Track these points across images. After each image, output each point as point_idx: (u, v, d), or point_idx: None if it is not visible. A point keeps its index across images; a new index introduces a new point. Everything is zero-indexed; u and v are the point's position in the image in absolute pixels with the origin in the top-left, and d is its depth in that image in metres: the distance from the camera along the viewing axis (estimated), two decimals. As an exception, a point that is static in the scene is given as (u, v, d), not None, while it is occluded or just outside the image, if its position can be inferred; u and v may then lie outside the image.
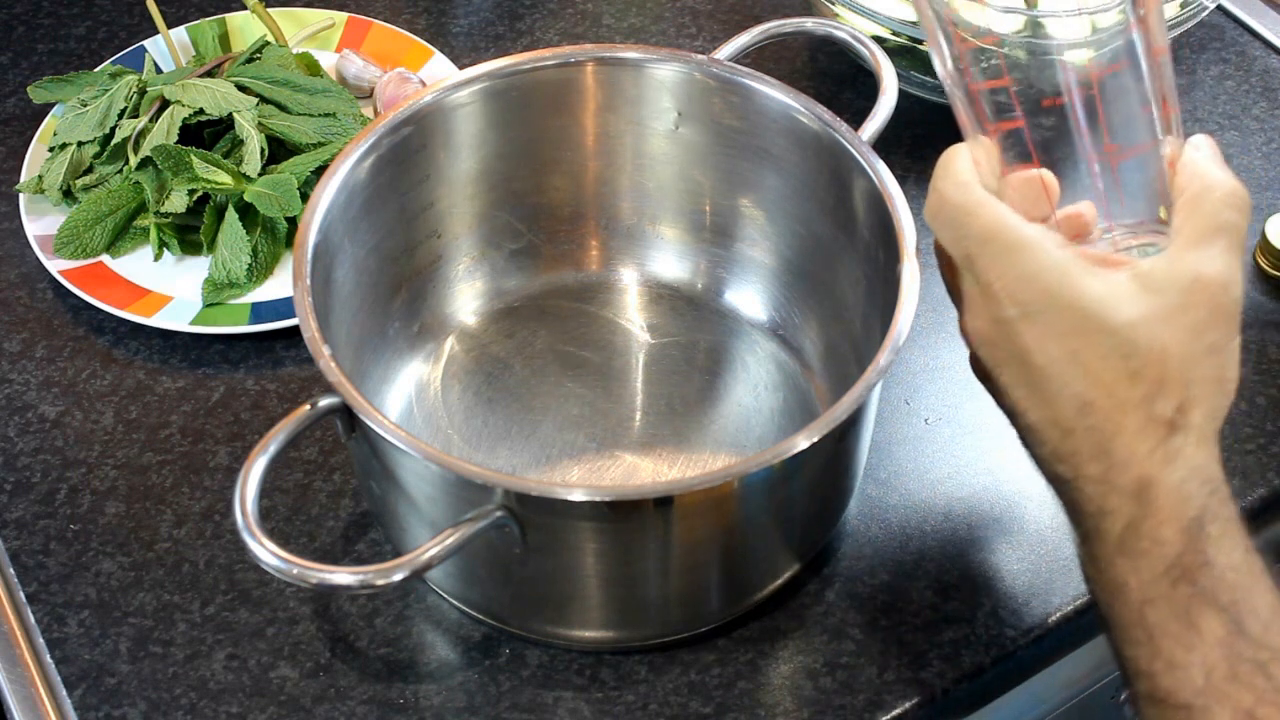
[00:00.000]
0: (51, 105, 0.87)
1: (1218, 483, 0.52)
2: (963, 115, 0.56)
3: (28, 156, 0.84)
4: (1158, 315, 0.51)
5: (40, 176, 0.81)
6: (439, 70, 0.89)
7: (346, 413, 0.58)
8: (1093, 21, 0.79)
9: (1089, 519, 0.53)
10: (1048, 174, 0.55)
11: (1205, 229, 0.52)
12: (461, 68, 0.88)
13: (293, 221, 0.79)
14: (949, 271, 0.58)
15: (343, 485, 0.71)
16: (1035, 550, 0.69)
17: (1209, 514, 0.51)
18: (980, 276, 0.54)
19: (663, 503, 0.57)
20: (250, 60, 0.86)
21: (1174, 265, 0.52)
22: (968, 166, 0.55)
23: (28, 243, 0.80)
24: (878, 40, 0.81)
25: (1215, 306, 0.52)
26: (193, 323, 0.76)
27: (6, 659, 0.65)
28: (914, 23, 0.83)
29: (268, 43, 0.88)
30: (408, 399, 0.72)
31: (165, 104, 0.81)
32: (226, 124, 0.82)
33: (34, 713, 0.63)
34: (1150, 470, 0.51)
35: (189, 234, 0.80)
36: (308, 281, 0.61)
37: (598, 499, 0.56)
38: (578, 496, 0.56)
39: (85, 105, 0.83)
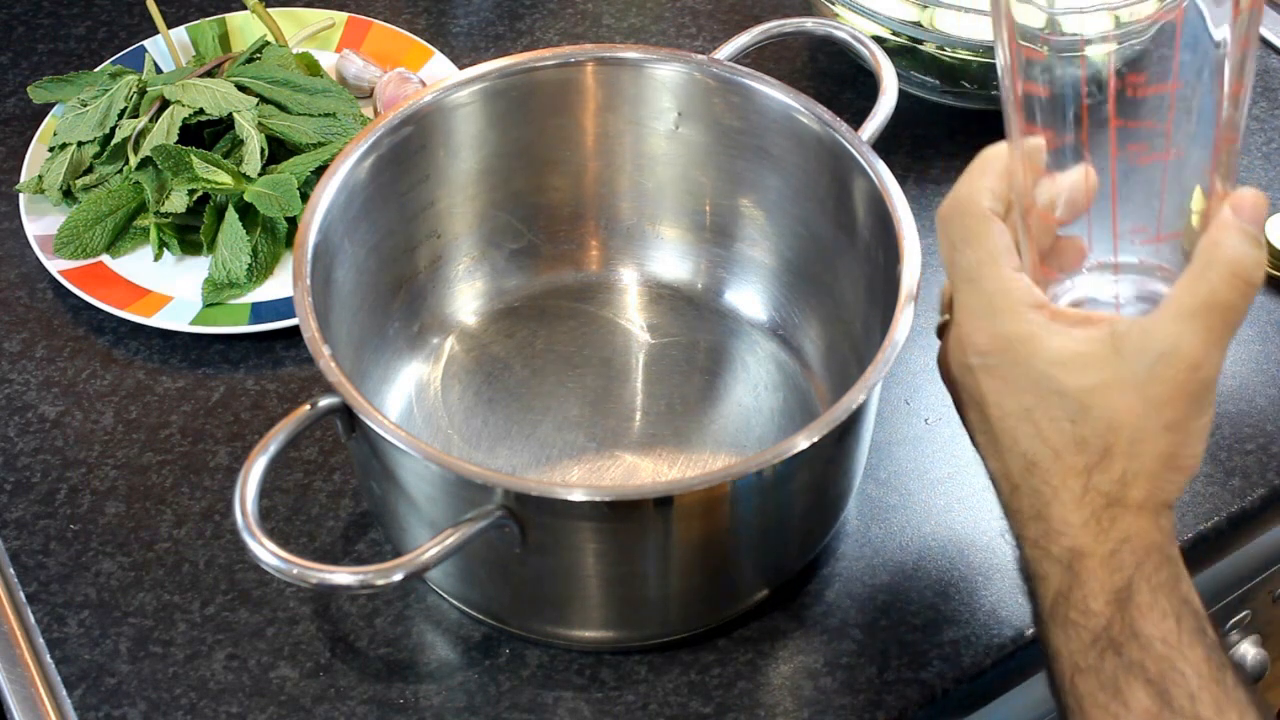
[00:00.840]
0: (51, 105, 0.87)
1: (1153, 549, 0.50)
2: (1009, 116, 0.54)
3: (28, 156, 0.84)
4: (1117, 384, 0.50)
5: (40, 176, 0.81)
6: (439, 70, 0.89)
7: (346, 413, 0.58)
8: (1115, 16, 0.79)
9: (1029, 581, 0.53)
10: (1092, 174, 0.53)
11: (1197, 303, 0.50)
12: (461, 68, 0.88)
13: (293, 221, 0.79)
14: (944, 295, 0.58)
15: (343, 485, 0.71)
16: (1035, 550, 0.69)
17: (1137, 583, 0.50)
18: (956, 313, 0.54)
19: (662, 503, 0.57)
20: (250, 60, 0.86)
21: (1150, 334, 0.50)
22: (994, 184, 0.53)
23: (28, 243, 0.80)
24: (878, 40, 0.81)
25: (1179, 384, 0.50)
26: (193, 323, 0.76)
27: (6, 659, 0.65)
28: (914, 23, 0.83)
29: (268, 43, 0.88)
30: (408, 399, 0.72)
31: (165, 104, 0.81)
32: (226, 124, 0.82)
33: (34, 713, 0.63)
34: (1082, 541, 0.51)
35: (189, 234, 0.80)
36: (308, 281, 0.61)
37: (598, 499, 0.56)
38: (578, 496, 0.56)
39: (85, 105, 0.83)
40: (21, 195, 0.82)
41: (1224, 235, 0.50)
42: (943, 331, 0.57)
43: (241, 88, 0.82)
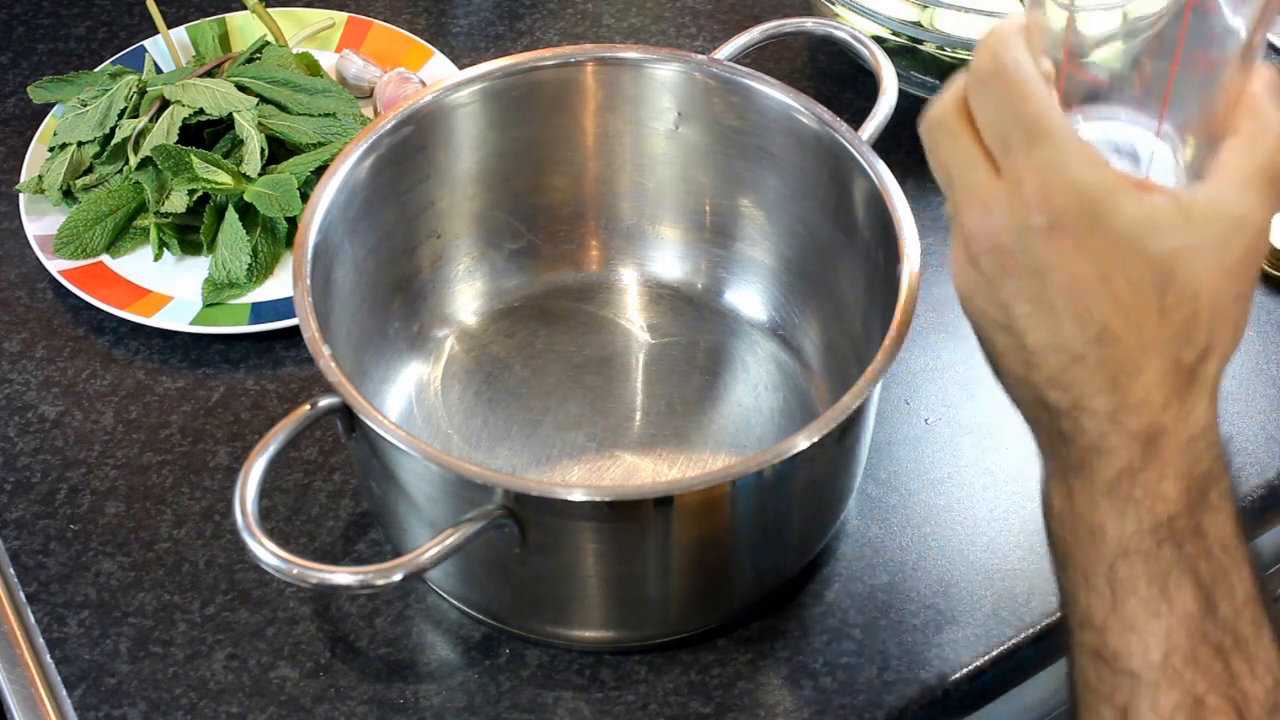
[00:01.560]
0: (51, 105, 0.87)
1: (1222, 447, 0.48)
2: None
3: (28, 156, 0.84)
4: (1196, 251, 0.47)
5: (40, 176, 0.81)
6: (439, 70, 0.89)
7: (346, 413, 0.58)
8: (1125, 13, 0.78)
9: (1076, 452, 0.49)
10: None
11: (1257, 170, 0.48)
12: (461, 68, 0.88)
13: (293, 221, 0.79)
14: (949, 150, 0.51)
15: (343, 485, 0.71)
16: (1035, 550, 0.69)
17: (1212, 479, 0.47)
18: (1012, 170, 0.48)
19: (663, 503, 0.57)
20: (250, 60, 0.86)
21: (1218, 201, 0.47)
22: (1024, 41, 0.48)
23: (28, 243, 0.80)
24: (878, 40, 0.81)
25: (1250, 253, 0.48)
26: (193, 323, 0.76)
27: (6, 659, 0.65)
28: (914, 23, 0.83)
29: (268, 43, 0.88)
30: (408, 399, 0.72)
31: (165, 104, 0.81)
32: (226, 124, 0.82)
33: (34, 713, 0.63)
34: (1164, 420, 0.47)
35: (189, 234, 0.80)
36: (308, 281, 0.61)
37: (598, 499, 0.56)
38: (578, 496, 0.56)
39: (85, 105, 0.83)
40: (21, 195, 0.82)
41: (1263, 105, 0.49)
42: (951, 217, 0.52)
43: (241, 88, 0.82)
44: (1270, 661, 0.47)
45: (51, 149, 0.83)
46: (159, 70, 0.88)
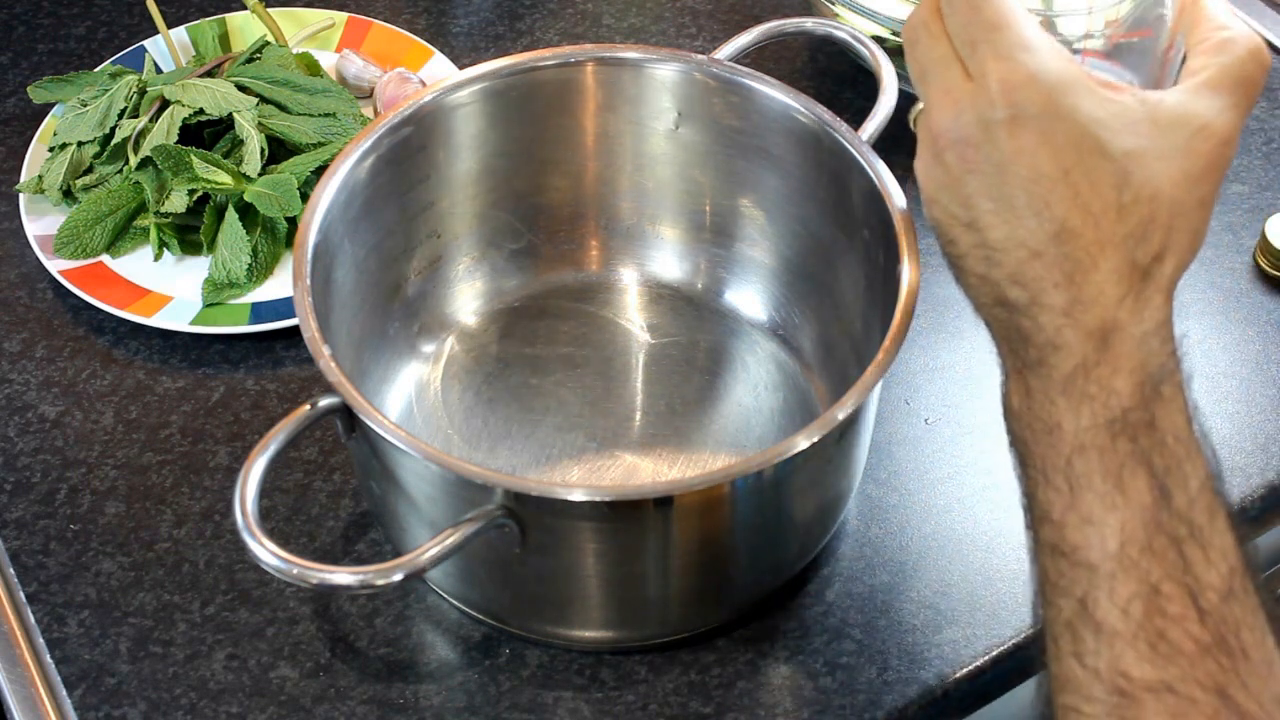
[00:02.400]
0: (51, 105, 0.87)
1: (1176, 342, 0.49)
2: None
3: (28, 156, 0.84)
4: (1158, 153, 0.48)
5: (40, 176, 0.81)
6: (439, 70, 0.89)
7: (346, 413, 0.58)
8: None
9: (1034, 349, 0.49)
10: None
11: (1226, 78, 0.49)
12: (461, 68, 0.88)
13: (293, 221, 0.79)
14: (926, 48, 0.52)
15: (343, 485, 0.71)
16: (1035, 550, 0.69)
17: (1165, 373, 0.48)
18: (979, 67, 0.49)
19: (663, 503, 0.57)
20: (250, 60, 0.86)
21: (1185, 105, 0.49)
22: None
23: (28, 243, 0.80)
24: (878, 40, 0.81)
25: (1215, 159, 0.49)
26: (193, 323, 0.76)
27: (6, 659, 0.65)
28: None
29: (268, 43, 0.88)
30: (408, 399, 0.72)
31: (165, 104, 0.81)
32: (226, 124, 0.82)
33: (34, 713, 0.63)
34: (1118, 316, 0.48)
35: (189, 234, 0.80)
36: (308, 281, 0.61)
37: (598, 499, 0.56)
38: (578, 496, 0.56)
39: (85, 105, 0.83)
40: (21, 195, 0.82)
41: (1223, 16, 0.51)
42: (919, 121, 0.53)
43: (241, 88, 0.82)
44: (1225, 548, 0.47)
45: (51, 149, 0.83)
46: (159, 70, 0.88)
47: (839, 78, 0.92)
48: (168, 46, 0.90)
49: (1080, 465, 0.48)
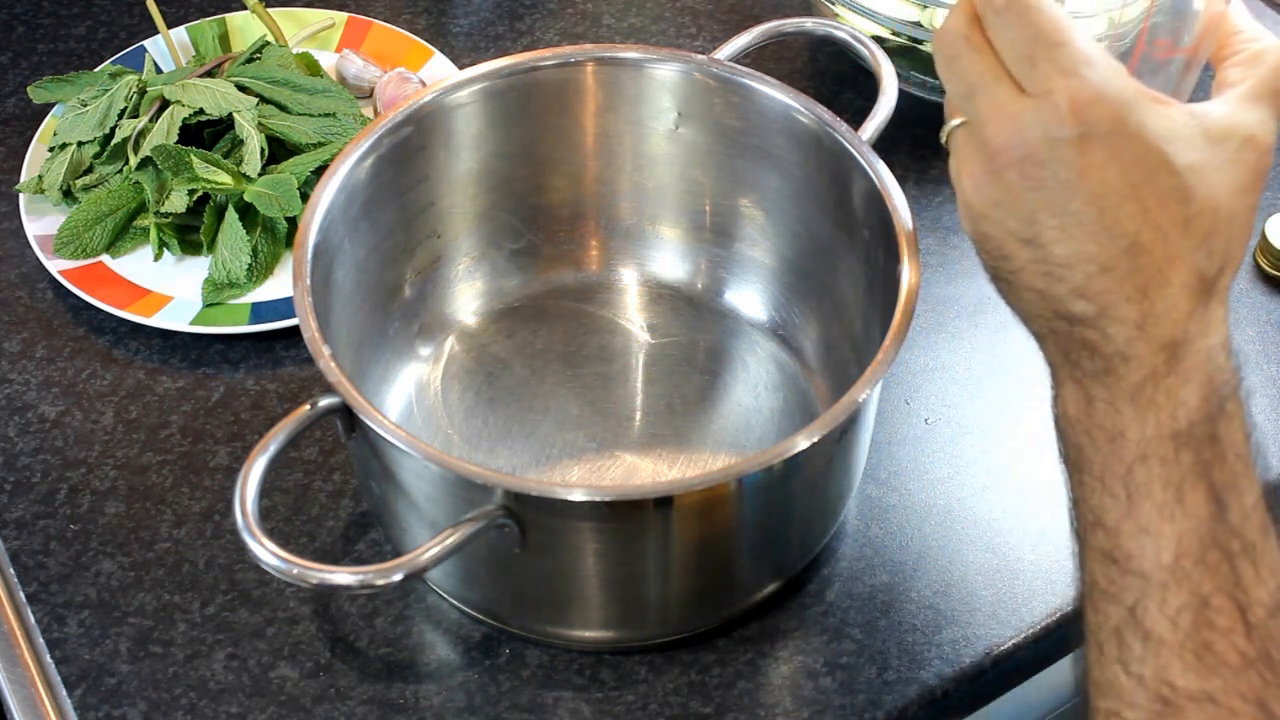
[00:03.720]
0: (51, 105, 0.87)
1: (1236, 356, 0.50)
2: None
3: (28, 156, 0.84)
4: (1215, 165, 0.49)
5: (40, 176, 0.81)
6: (439, 70, 0.89)
7: (346, 413, 0.58)
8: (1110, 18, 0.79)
9: (1100, 359, 0.49)
10: None
11: (1264, 89, 0.51)
12: (461, 68, 0.88)
13: (293, 221, 0.79)
14: (970, 61, 0.51)
15: (343, 485, 0.71)
16: (1035, 550, 0.69)
17: (1230, 389, 0.49)
18: (1039, 85, 0.48)
19: (663, 503, 0.57)
20: (250, 60, 0.86)
21: (1232, 117, 0.49)
22: None
23: (28, 243, 0.80)
24: (878, 40, 0.81)
25: (1261, 168, 0.50)
26: (193, 323, 0.76)
27: (6, 659, 0.65)
28: (914, 22, 0.83)
29: (268, 43, 0.88)
30: (408, 399, 0.72)
31: (165, 104, 0.81)
32: (226, 124, 0.82)
33: (34, 713, 0.63)
34: (1189, 329, 0.48)
35: (189, 234, 0.80)
36: (308, 281, 0.60)
37: (598, 499, 0.56)
38: (578, 496, 0.56)
39: (85, 105, 0.83)
40: (21, 195, 0.82)
41: (1255, 28, 0.53)
42: (958, 136, 0.53)
43: (241, 88, 0.82)
44: (1275, 565, 0.47)
45: (51, 149, 0.83)
46: (159, 70, 0.88)
47: (839, 78, 0.92)
48: (168, 46, 0.90)
49: (1141, 474, 0.48)
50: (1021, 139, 0.49)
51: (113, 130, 0.81)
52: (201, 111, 0.80)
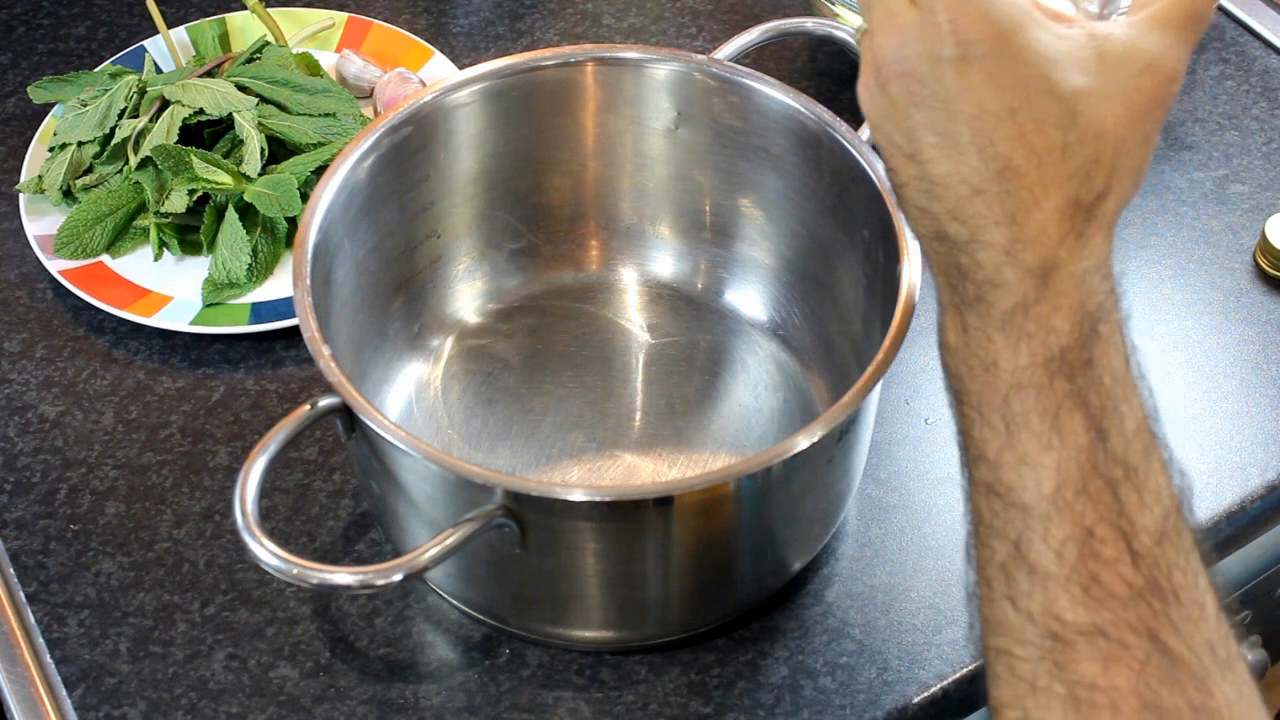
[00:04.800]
0: (51, 105, 0.87)
1: (1115, 279, 0.49)
2: None
3: (28, 156, 0.84)
4: (1105, 90, 0.48)
5: (40, 176, 0.81)
6: (439, 70, 0.89)
7: (346, 413, 0.58)
8: None
9: (973, 286, 0.49)
10: None
11: (1174, 14, 0.49)
12: (461, 68, 0.88)
13: (293, 221, 0.79)
14: None
15: (342, 485, 0.71)
16: (1035, 550, 0.69)
17: (1104, 312, 0.48)
18: (925, 1, 0.48)
19: (663, 503, 0.57)
20: (250, 60, 0.86)
21: (1133, 41, 0.48)
22: None
23: (28, 243, 0.80)
24: (878, 40, 0.81)
25: (1161, 96, 0.48)
26: (193, 323, 0.76)
27: (6, 659, 0.65)
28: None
29: (268, 43, 0.88)
30: (408, 399, 0.72)
31: (165, 104, 0.81)
32: (226, 124, 0.82)
33: (34, 713, 0.63)
34: (1059, 254, 0.47)
35: (189, 234, 0.80)
36: (308, 281, 0.61)
37: (597, 499, 0.56)
38: (577, 496, 0.56)
39: (85, 105, 0.83)
40: (21, 195, 0.82)
41: None
42: (862, 41, 0.52)
43: (241, 88, 0.82)
44: (1159, 489, 0.47)
45: (51, 149, 0.83)
46: (159, 70, 0.88)
47: (839, 77, 0.92)
48: (168, 46, 0.90)
49: (1017, 404, 0.47)
50: (904, 54, 0.49)
51: (113, 130, 0.81)
52: (201, 111, 0.80)
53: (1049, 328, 0.47)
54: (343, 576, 0.55)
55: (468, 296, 0.76)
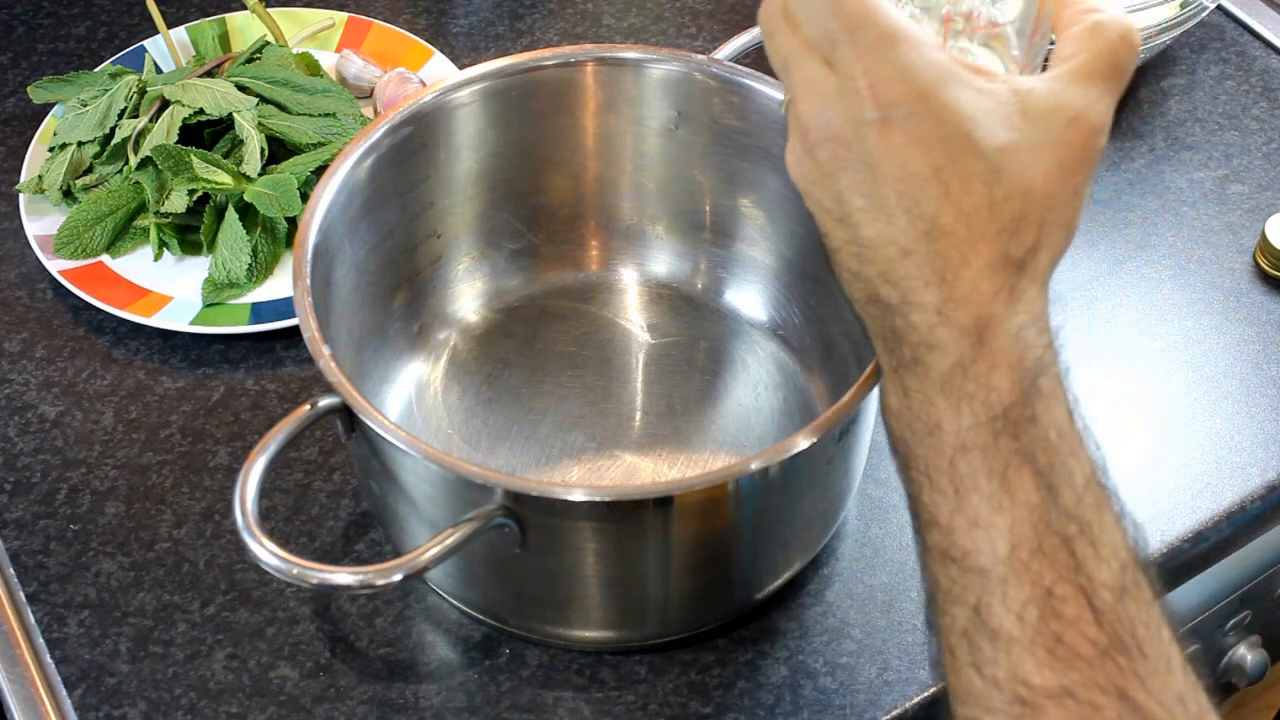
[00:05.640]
0: (51, 105, 0.87)
1: (1053, 333, 0.48)
2: None
3: (28, 156, 0.84)
4: (1031, 145, 0.47)
5: (40, 176, 0.81)
6: (439, 70, 0.89)
7: (346, 413, 0.58)
8: None
9: (909, 348, 0.48)
10: None
11: (1098, 65, 0.48)
12: (461, 68, 0.88)
13: (293, 221, 0.79)
14: (784, 38, 0.50)
15: (342, 485, 0.71)
16: (1035, 550, 0.69)
17: (1044, 366, 0.47)
18: (843, 67, 0.48)
19: (663, 503, 0.57)
20: (250, 60, 0.86)
21: (1058, 95, 0.48)
22: None
23: (28, 243, 0.80)
24: (878, 40, 0.81)
25: (1088, 149, 0.48)
26: (193, 323, 0.76)
27: (6, 659, 0.65)
28: (914, 23, 0.83)
29: (268, 43, 0.88)
30: (408, 399, 0.72)
31: (165, 104, 0.81)
32: (226, 124, 0.82)
33: (34, 713, 0.63)
34: (993, 310, 0.47)
35: (189, 234, 0.80)
36: (308, 281, 0.60)
37: (597, 499, 0.56)
38: (577, 496, 0.56)
39: (85, 105, 0.83)
40: (21, 195, 0.82)
41: (1097, 3, 0.50)
42: (787, 109, 0.52)
43: (241, 88, 0.82)
44: (1115, 543, 0.46)
45: (51, 149, 0.83)
46: (159, 70, 0.88)
47: (839, 78, 0.92)
48: (168, 46, 0.90)
49: (964, 466, 0.47)
50: (827, 119, 0.48)
51: (113, 130, 0.81)
52: (201, 111, 0.80)
53: (989, 386, 0.47)
54: (343, 576, 0.55)
55: (468, 296, 0.76)
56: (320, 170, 0.79)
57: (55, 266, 0.78)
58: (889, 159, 0.47)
